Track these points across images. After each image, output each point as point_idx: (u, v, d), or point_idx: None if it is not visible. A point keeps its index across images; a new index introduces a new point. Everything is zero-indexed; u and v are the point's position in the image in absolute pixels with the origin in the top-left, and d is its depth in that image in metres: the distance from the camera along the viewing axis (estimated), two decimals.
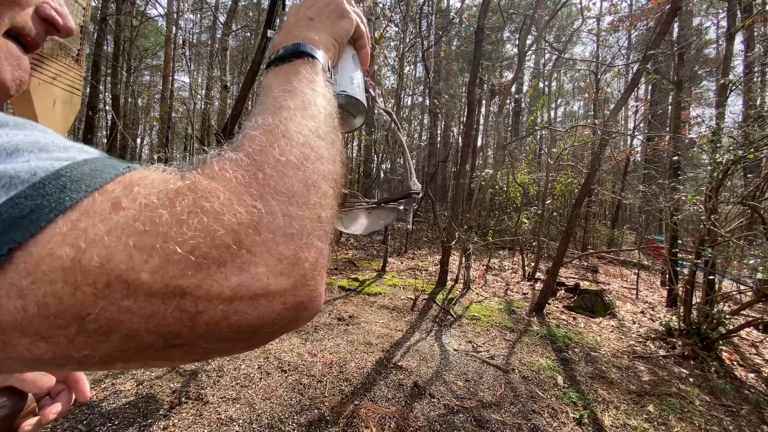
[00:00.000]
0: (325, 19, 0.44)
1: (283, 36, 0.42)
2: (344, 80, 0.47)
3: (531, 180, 8.65)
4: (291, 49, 0.39)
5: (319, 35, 0.42)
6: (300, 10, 0.46)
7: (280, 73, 0.37)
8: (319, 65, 0.38)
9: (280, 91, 0.33)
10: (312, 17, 0.44)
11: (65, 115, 0.95)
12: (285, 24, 0.46)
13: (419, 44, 9.16)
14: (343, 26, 0.45)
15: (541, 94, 15.77)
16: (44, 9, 0.32)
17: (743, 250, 4.18)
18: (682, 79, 6.23)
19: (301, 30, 0.42)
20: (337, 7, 0.45)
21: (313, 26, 0.43)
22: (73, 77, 0.96)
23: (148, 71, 21.74)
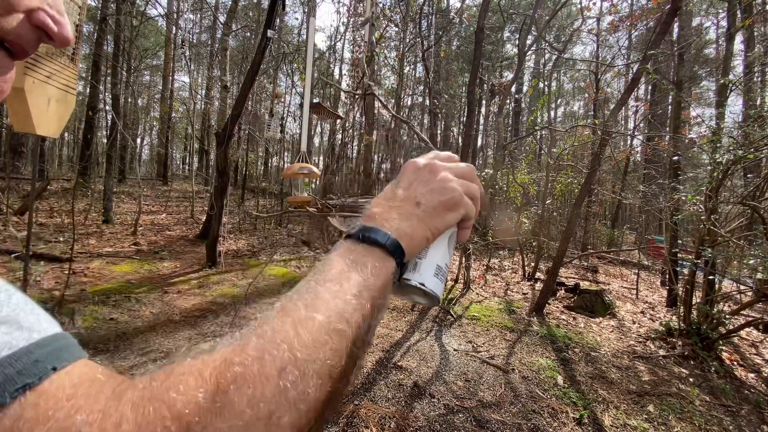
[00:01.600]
0: (431, 210, 0.40)
1: (383, 209, 0.39)
2: (428, 269, 0.41)
3: (531, 180, 8.65)
4: (377, 235, 0.36)
5: (416, 228, 0.38)
6: (414, 182, 0.41)
7: (352, 252, 0.35)
8: (391, 264, 0.36)
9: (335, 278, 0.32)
10: (420, 202, 0.40)
11: (60, 114, 0.95)
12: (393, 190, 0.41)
13: (419, 44, 9.17)
14: (448, 220, 0.41)
15: (541, 94, 15.78)
16: (38, 16, 0.30)
17: (743, 250, 4.18)
18: (682, 79, 6.23)
19: (401, 216, 0.39)
20: (450, 200, 0.40)
21: (414, 215, 0.39)
22: (68, 76, 0.96)
23: (148, 71, 21.75)
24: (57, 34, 0.32)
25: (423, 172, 0.42)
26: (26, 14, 0.29)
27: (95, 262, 4.94)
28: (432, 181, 0.41)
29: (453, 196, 0.40)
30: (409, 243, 0.38)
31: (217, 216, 5.37)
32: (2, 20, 0.28)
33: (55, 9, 0.31)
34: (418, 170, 0.42)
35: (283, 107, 15.33)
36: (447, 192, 0.40)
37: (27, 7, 0.29)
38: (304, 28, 15.31)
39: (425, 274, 0.40)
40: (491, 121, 18.43)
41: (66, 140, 21.30)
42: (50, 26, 0.31)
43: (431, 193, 0.40)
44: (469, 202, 0.42)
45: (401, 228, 0.38)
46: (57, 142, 19.11)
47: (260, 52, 4.64)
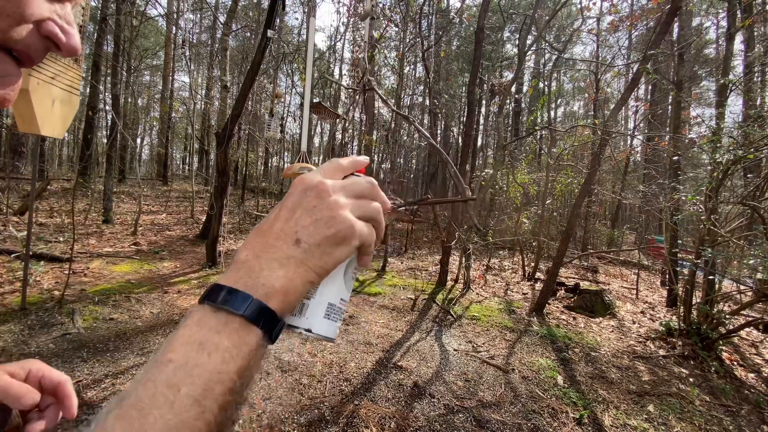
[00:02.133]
0: (315, 247, 0.32)
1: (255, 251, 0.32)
2: (316, 311, 0.34)
3: (531, 180, 8.65)
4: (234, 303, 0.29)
5: (294, 276, 0.31)
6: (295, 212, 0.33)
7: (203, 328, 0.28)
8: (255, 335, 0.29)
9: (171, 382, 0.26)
10: (300, 239, 0.32)
11: (64, 115, 0.95)
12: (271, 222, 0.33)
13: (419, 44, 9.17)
14: (337, 256, 0.33)
15: (541, 94, 15.78)
16: (47, 26, 0.30)
17: (743, 250, 4.18)
18: (682, 79, 6.23)
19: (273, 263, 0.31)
20: (338, 233, 0.33)
21: (292, 258, 0.31)
22: (72, 77, 0.96)
23: (148, 71, 21.76)
24: (65, 45, 0.31)
25: (309, 196, 0.33)
26: (36, 24, 0.29)
27: (95, 262, 4.94)
28: (318, 208, 0.33)
29: (341, 228, 0.33)
30: (284, 299, 0.31)
31: (217, 216, 5.37)
32: (12, 30, 0.28)
33: (65, 19, 0.31)
34: (305, 192, 0.34)
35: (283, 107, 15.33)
36: (335, 224, 0.33)
37: (37, 17, 0.29)
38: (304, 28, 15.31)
39: (313, 317, 0.34)
40: (491, 121, 18.43)
41: (66, 140, 21.29)
42: (59, 36, 0.31)
43: (315, 225, 0.32)
44: (365, 231, 0.35)
45: (272, 282, 0.30)
46: (57, 142, 19.11)
47: (260, 52, 4.64)
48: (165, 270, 5.05)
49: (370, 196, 0.36)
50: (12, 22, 0.28)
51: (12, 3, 0.27)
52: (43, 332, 2.90)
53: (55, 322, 3.08)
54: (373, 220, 0.36)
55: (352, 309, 4.21)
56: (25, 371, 0.46)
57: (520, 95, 17.95)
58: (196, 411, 0.26)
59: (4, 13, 0.27)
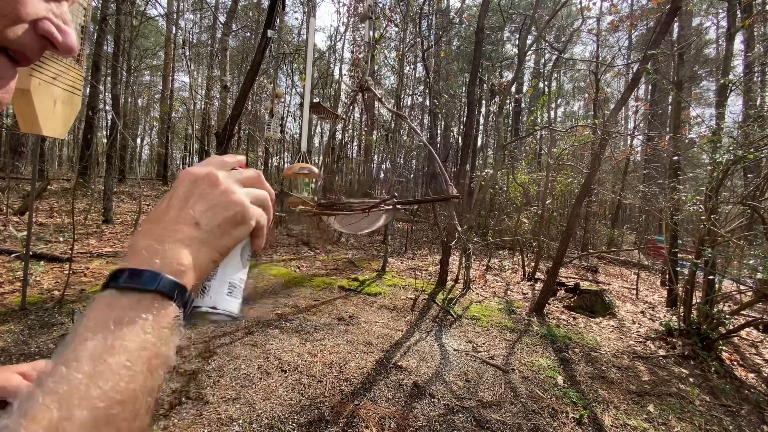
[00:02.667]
0: (214, 228, 0.34)
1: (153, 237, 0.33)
2: (219, 290, 0.37)
3: (531, 180, 8.65)
4: (146, 281, 0.30)
5: (200, 254, 0.33)
6: (189, 197, 0.35)
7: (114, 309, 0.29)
8: (171, 310, 0.30)
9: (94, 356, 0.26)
10: (199, 221, 0.34)
11: (65, 116, 0.95)
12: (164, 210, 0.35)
13: (419, 44, 9.17)
14: (236, 235, 0.36)
15: (541, 94, 15.77)
16: (43, 25, 0.29)
17: (743, 250, 4.18)
18: (682, 79, 6.23)
19: (176, 244, 0.32)
20: (235, 214, 0.35)
21: (194, 239, 0.33)
22: (74, 77, 0.96)
23: (148, 71, 21.76)
24: (61, 44, 0.31)
25: (201, 185, 0.36)
26: (32, 23, 0.29)
27: (95, 262, 4.94)
28: (212, 195, 0.35)
29: (238, 210, 0.36)
30: (192, 276, 0.32)
31: None
32: (8, 30, 0.28)
33: (61, 18, 0.31)
34: (195, 183, 0.36)
35: (283, 107, 15.33)
36: (231, 206, 0.35)
37: (33, 16, 0.29)
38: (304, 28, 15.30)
39: (216, 296, 0.36)
40: (491, 121, 18.43)
41: (66, 140, 21.29)
42: (55, 36, 0.30)
43: (213, 209, 0.35)
44: (258, 211, 0.38)
45: (178, 261, 0.32)
46: (57, 142, 19.11)
47: (260, 52, 4.64)
48: None
49: (257, 183, 0.40)
50: (7, 22, 0.28)
51: (7, 3, 0.27)
52: (43, 332, 2.90)
53: (55, 322, 3.08)
54: (263, 205, 0.39)
55: (352, 309, 4.21)
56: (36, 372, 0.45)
57: (520, 95, 17.95)
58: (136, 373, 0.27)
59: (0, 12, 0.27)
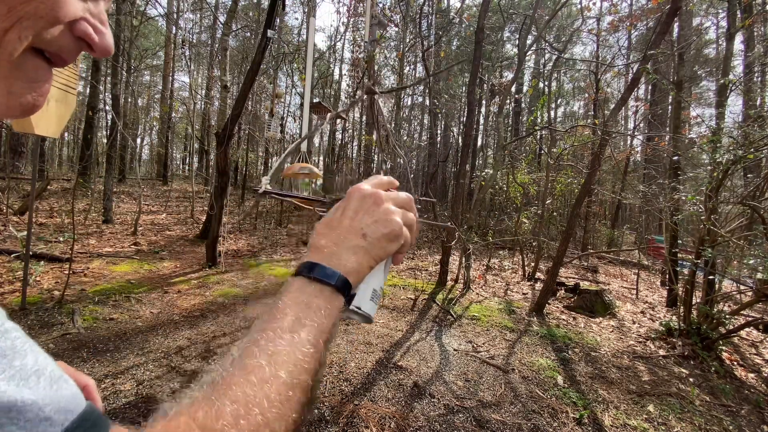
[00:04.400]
0: (376, 241, 0.42)
1: (331, 241, 0.42)
2: (364, 295, 0.44)
3: (531, 180, 8.65)
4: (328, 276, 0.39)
5: (363, 261, 0.41)
6: (359, 212, 0.43)
7: (301, 298, 0.37)
8: (340, 301, 0.39)
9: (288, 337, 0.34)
10: (366, 233, 0.42)
11: (60, 114, 0.95)
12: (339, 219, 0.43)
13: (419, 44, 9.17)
14: (390, 249, 0.43)
15: (541, 94, 15.76)
16: (80, 26, 0.29)
17: (743, 250, 4.18)
18: (682, 79, 6.23)
19: (349, 249, 0.41)
20: (392, 231, 0.43)
21: (361, 247, 0.41)
22: (69, 76, 0.96)
23: (148, 71, 21.76)
24: (98, 45, 0.31)
25: (367, 202, 0.44)
26: (68, 24, 0.29)
27: (95, 262, 4.94)
28: (376, 212, 0.43)
29: (394, 228, 0.43)
30: (356, 277, 0.41)
31: (217, 216, 5.37)
32: (45, 32, 0.27)
33: (98, 18, 0.30)
34: (363, 199, 0.44)
35: (283, 107, 15.32)
36: (390, 224, 0.43)
37: (71, 17, 0.28)
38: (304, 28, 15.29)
39: (362, 299, 0.43)
40: (491, 121, 18.43)
41: (66, 140, 21.28)
42: (92, 37, 0.30)
43: (376, 224, 0.42)
44: (407, 233, 0.45)
45: (349, 264, 0.40)
46: (57, 142, 19.09)
47: (260, 52, 4.64)
48: (165, 270, 5.05)
49: (408, 207, 0.47)
50: (45, 24, 0.27)
51: (45, 4, 0.26)
52: (43, 332, 2.90)
53: (55, 322, 3.08)
54: (410, 226, 0.46)
55: None
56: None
57: (520, 95, 17.94)
58: (312, 351, 0.35)
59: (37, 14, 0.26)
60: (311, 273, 0.39)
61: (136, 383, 2.39)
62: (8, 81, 0.27)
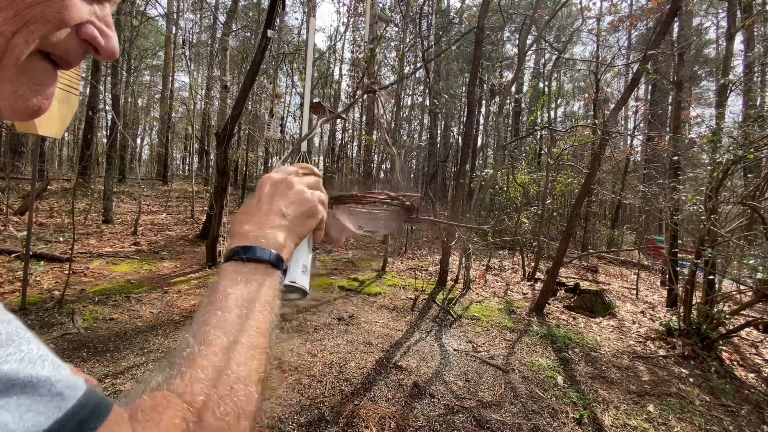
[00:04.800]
0: (296, 219, 0.46)
1: (254, 225, 0.44)
2: (296, 269, 0.49)
3: (531, 180, 8.65)
4: (261, 254, 0.41)
5: (288, 238, 0.44)
6: (275, 197, 0.46)
7: (238, 278, 0.40)
8: (277, 275, 0.42)
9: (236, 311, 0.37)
10: (285, 214, 0.45)
11: (62, 115, 0.95)
12: (258, 204, 0.46)
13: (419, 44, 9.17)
14: (310, 225, 0.47)
15: (541, 94, 15.76)
16: (86, 30, 0.29)
17: (743, 250, 4.18)
18: (682, 79, 6.23)
19: (273, 228, 0.44)
20: (310, 209, 0.47)
21: (283, 226, 0.45)
22: (71, 77, 0.96)
23: (148, 71, 21.76)
24: (104, 48, 0.31)
25: (281, 187, 0.47)
26: (74, 27, 0.29)
27: (95, 262, 4.94)
28: (290, 194, 0.47)
29: (311, 206, 0.47)
30: (286, 254, 0.44)
31: (217, 216, 5.37)
32: (52, 35, 0.27)
33: (104, 21, 0.30)
34: (275, 185, 0.47)
35: (283, 107, 15.32)
36: (306, 203, 0.47)
37: (78, 20, 0.28)
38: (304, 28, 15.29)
39: (295, 273, 0.48)
40: (491, 121, 18.42)
41: (66, 140, 21.28)
42: (98, 40, 0.30)
43: (292, 205, 0.46)
44: (322, 210, 0.49)
45: (276, 241, 0.43)
46: (57, 142, 19.09)
47: (260, 52, 4.64)
48: (165, 270, 5.05)
49: (318, 187, 0.51)
50: (52, 27, 0.27)
51: (52, 7, 0.27)
52: (43, 332, 2.90)
53: (55, 322, 3.08)
54: (322, 203, 0.50)
55: (352, 309, 4.21)
56: None
57: (520, 95, 17.94)
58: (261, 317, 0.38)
59: (44, 18, 0.26)
60: (245, 254, 0.41)
61: (137, 383, 2.39)
62: (14, 84, 0.27)
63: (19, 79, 0.27)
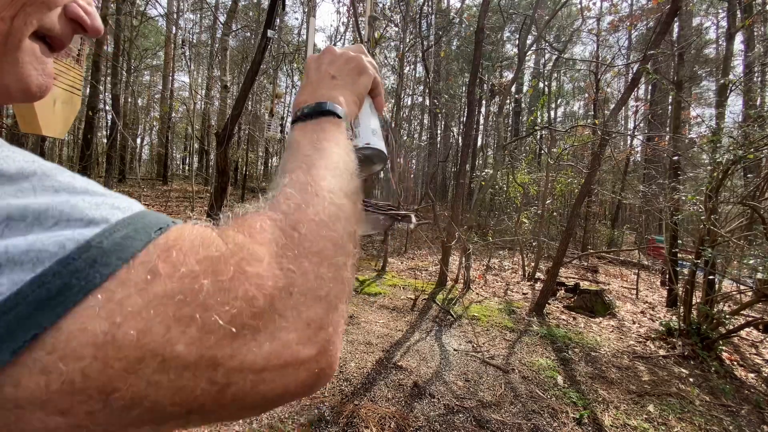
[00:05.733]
0: (346, 77, 0.45)
1: (308, 93, 0.43)
2: (366, 132, 0.49)
3: (531, 180, 8.65)
4: (317, 107, 0.40)
5: (343, 94, 0.44)
6: (321, 66, 0.46)
7: (306, 130, 0.39)
8: (343, 124, 0.41)
9: (309, 148, 0.36)
10: (335, 75, 0.45)
11: (65, 116, 0.94)
12: (307, 79, 0.46)
13: (419, 44, 9.17)
14: (363, 82, 0.47)
15: (541, 94, 15.76)
16: (72, 8, 0.31)
17: (743, 250, 4.18)
18: (682, 79, 6.23)
19: (326, 89, 0.43)
20: (357, 65, 0.46)
21: (336, 85, 0.44)
22: (74, 77, 0.96)
23: (148, 71, 21.73)
24: (90, 26, 0.32)
25: (324, 57, 0.47)
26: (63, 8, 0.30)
27: None
28: (335, 59, 0.46)
29: (357, 62, 0.46)
30: (345, 109, 0.42)
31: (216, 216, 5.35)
32: (47, 16, 0.29)
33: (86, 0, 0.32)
34: (319, 57, 0.47)
35: (283, 107, 15.32)
36: (352, 60, 0.46)
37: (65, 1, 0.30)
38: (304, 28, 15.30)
39: (365, 135, 0.48)
40: (491, 121, 18.43)
41: (66, 140, 21.26)
42: (84, 18, 0.32)
43: (340, 65, 0.46)
44: (372, 68, 0.48)
45: (331, 95, 0.42)
46: (57, 142, 19.08)
47: (260, 52, 4.64)
48: None
49: (363, 52, 0.49)
50: (45, 9, 0.29)
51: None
52: None
53: None
54: (372, 64, 0.48)
55: (352, 309, 4.21)
56: None
57: (520, 95, 17.94)
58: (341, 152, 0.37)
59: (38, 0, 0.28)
60: (300, 114, 0.40)
61: None
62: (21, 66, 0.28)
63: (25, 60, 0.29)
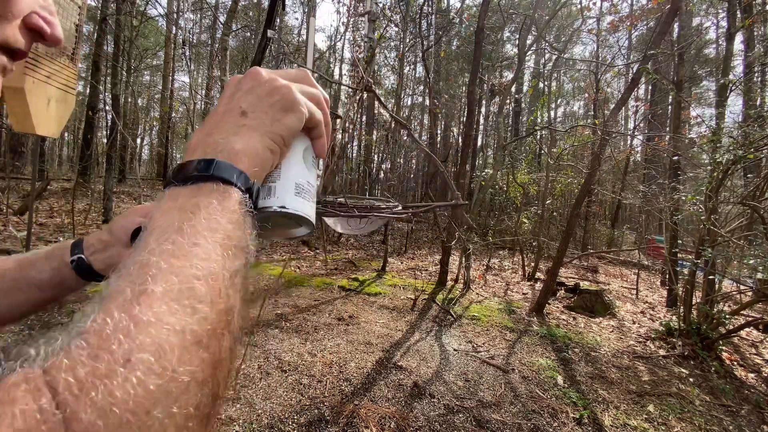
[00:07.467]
0: (262, 114, 0.33)
1: (203, 134, 0.33)
2: (285, 190, 0.35)
3: (531, 180, 8.65)
4: (201, 167, 0.29)
5: (249, 141, 0.32)
6: (235, 94, 0.35)
7: (175, 203, 0.28)
8: (235, 194, 0.29)
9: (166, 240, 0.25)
10: (245, 110, 0.33)
11: (59, 115, 0.95)
12: (212, 112, 0.35)
13: (419, 44, 9.17)
14: (288, 123, 0.34)
15: (541, 94, 15.76)
16: (32, 19, 0.31)
17: (743, 250, 4.18)
18: (682, 79, 6.23)
19: (226, 131, 0.32)
20: (282, 99, 0.34)
21: (243, 125, 0.32)
22: (68, 76, 0.96)
23: (148, 71, 21.76)
24: (50, 36, 0.32)
25: (245, 82, 0.35)
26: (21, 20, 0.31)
27: None
28: (255, 86, 0.34)
29: (284, 94, 0.34)
30: (249, 161, 0.31)
31: None
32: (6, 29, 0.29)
33: (47, 9, 0.32)
34: (239, 81, 0.35)
35: None
36: (276, 92, 0.34)
37: (26, 11, 0.30)
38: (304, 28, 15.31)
39: (284, 196, 0.35)
40: (491, 121, 18.43)
41: (66, 140, 21.29)
42: (44, 29, 0.31)
43: (257, 97, 0.34)
44: (309, 103, 0.36)
45: (229, 147, 0.31)
46: (57, 142, 19.10)
47: (260, 51, 4.63)
48: None
49: (305, 81, 0.37)
50: (4, 21, 0.29)
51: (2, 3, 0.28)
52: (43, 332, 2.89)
53: (54, 322, 3.08)
54: (314, 100, 0.37)
55: (352, 309, 4.21)
56: None
57: (520, 95, 17.94)
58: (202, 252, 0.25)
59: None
60: (177, 177, 0.29)
61: None
62: None
63: None
